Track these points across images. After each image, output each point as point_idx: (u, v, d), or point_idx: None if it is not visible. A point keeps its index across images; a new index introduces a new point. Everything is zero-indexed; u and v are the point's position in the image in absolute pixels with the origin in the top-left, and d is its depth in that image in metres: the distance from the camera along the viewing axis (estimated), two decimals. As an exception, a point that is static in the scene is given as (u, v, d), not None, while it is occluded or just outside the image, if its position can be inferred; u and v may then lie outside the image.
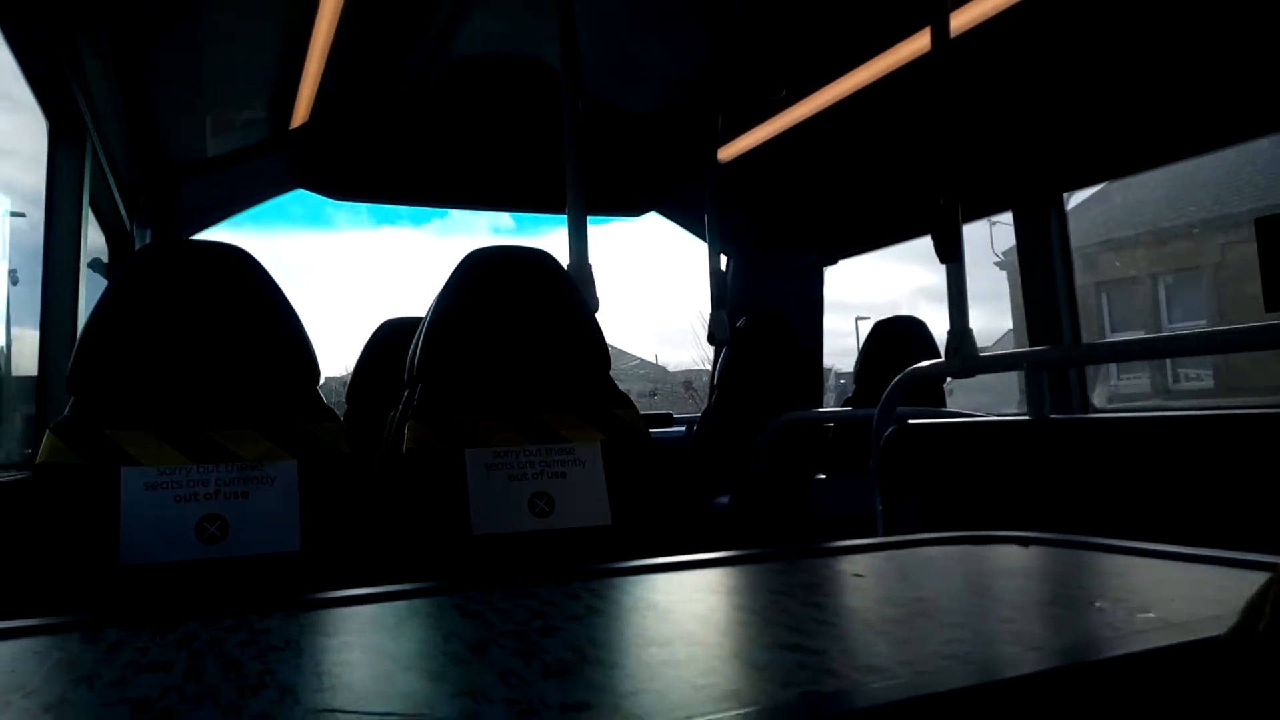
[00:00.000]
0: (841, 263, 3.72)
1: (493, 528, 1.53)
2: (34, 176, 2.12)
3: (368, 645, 0.61)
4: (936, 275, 2.02)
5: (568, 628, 0.63)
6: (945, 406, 3.23)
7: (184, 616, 0.71)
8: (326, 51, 2.55)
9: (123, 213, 2.78)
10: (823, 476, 3.09)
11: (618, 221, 3.83)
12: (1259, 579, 0.70)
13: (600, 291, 1.91)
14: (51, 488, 1.31)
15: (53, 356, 2.04)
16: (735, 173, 3.49)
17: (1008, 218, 2.49)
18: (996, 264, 11.91)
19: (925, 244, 2.00)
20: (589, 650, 0.56)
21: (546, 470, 1.60)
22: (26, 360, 2.08)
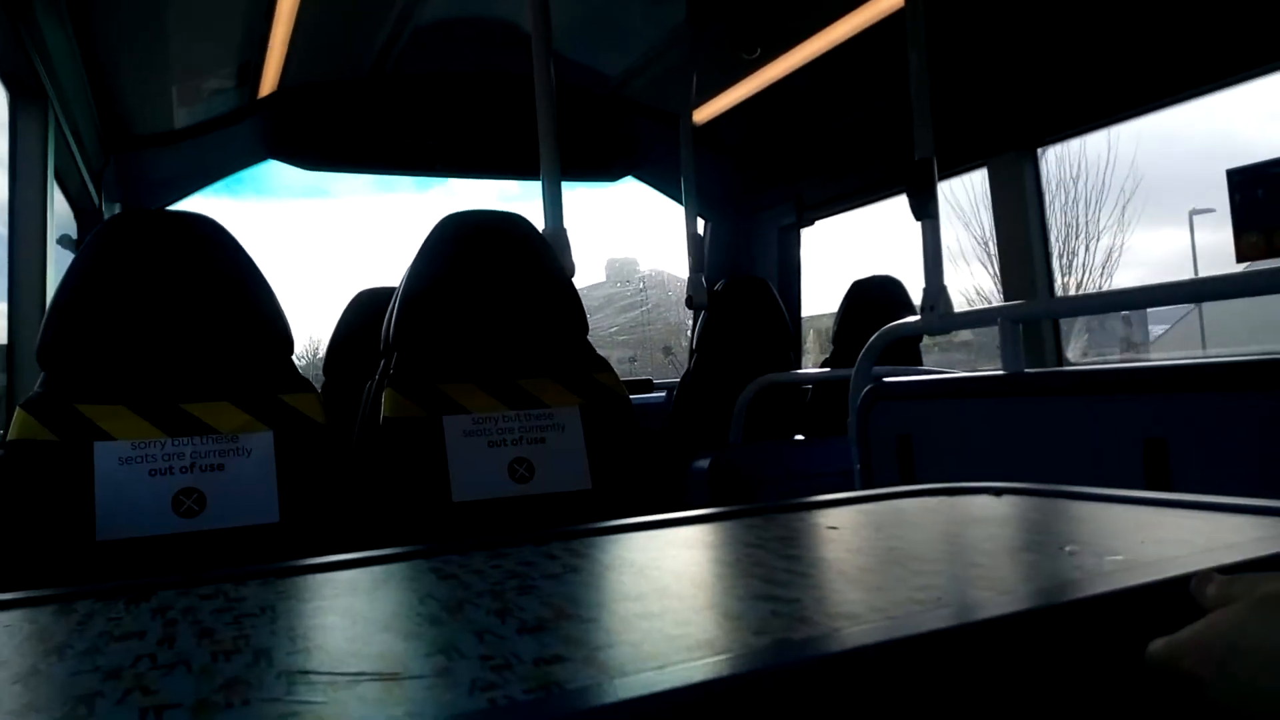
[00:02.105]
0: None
1: (473, 494, 1.53)
2: None
3: (343, 609, 0.61)
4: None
5: (544, 586, 0.63)
6: (922, 365, 3.25)
7: (158, 587, 0.70)
8: (294, 17, 2.50)
9: (90, 187, 2.73)
10: (801, 437, 3.11)
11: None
12: (1224, 520, 0.72)
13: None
14: (24, 465, 1.30)
15: (22, 332, 2.01)
16: (711, 134, 3.46)
17: None
18: None
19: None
20: (565, 607, 0.56)
21: (526, 436, 1.60)
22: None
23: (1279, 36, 1.86)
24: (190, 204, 3.23)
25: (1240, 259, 1.98)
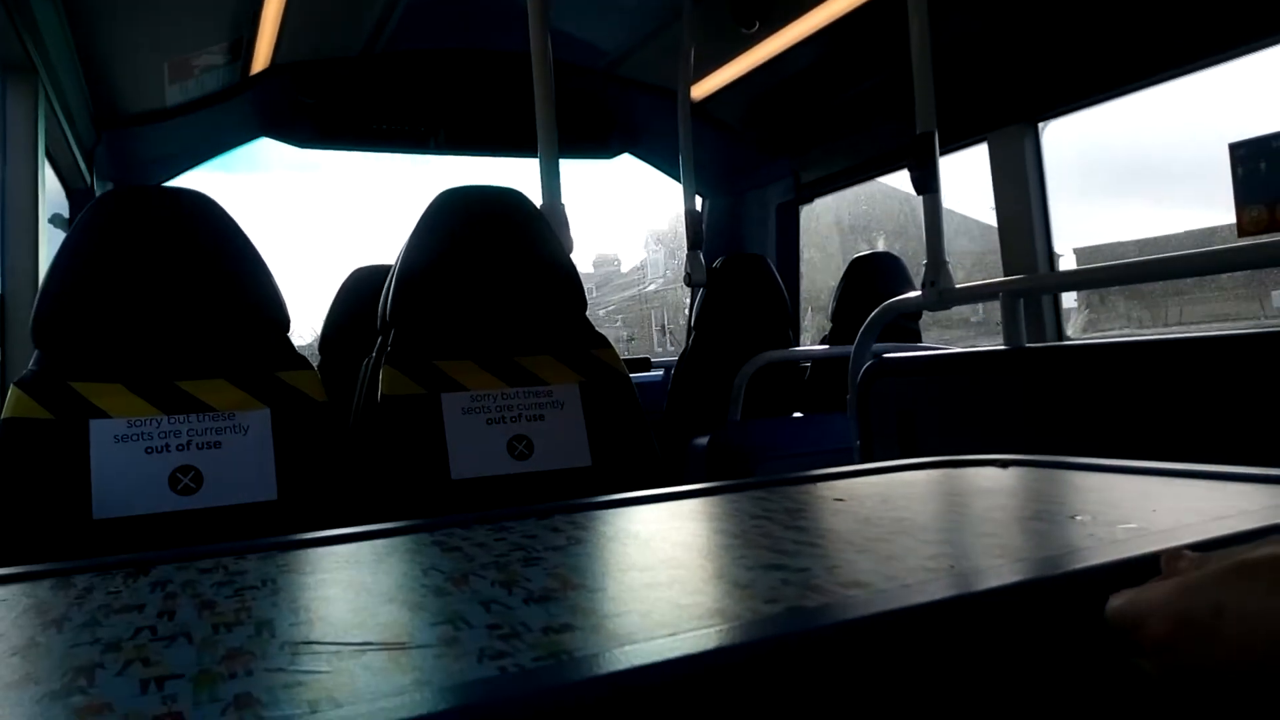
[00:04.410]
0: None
1: (472, 471, 1.52)
2: None
3: (346, 581, 0.60)
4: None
5: (549, 558, 0.62)
6: (921, 342, 3.24)
7: (157, 561, 0.70)
8: (286, -8, 2.47)
9: (81, 166, 2.70)
10: (800, 415, 3.10)
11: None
12: (1235, 489, 0.71)
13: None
14: (19, 443, 1.29)
15: (14, 312, 2.00)
16: (708, 110, 3.43)
17: None
18: None
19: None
20: (571, 577, 0.55)
21: (525, 413, 1.59)
22: None
23: None
24: (183, 180, 3.21)
25: (1242, 233, 1.97)
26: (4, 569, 0.68)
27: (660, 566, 0.57)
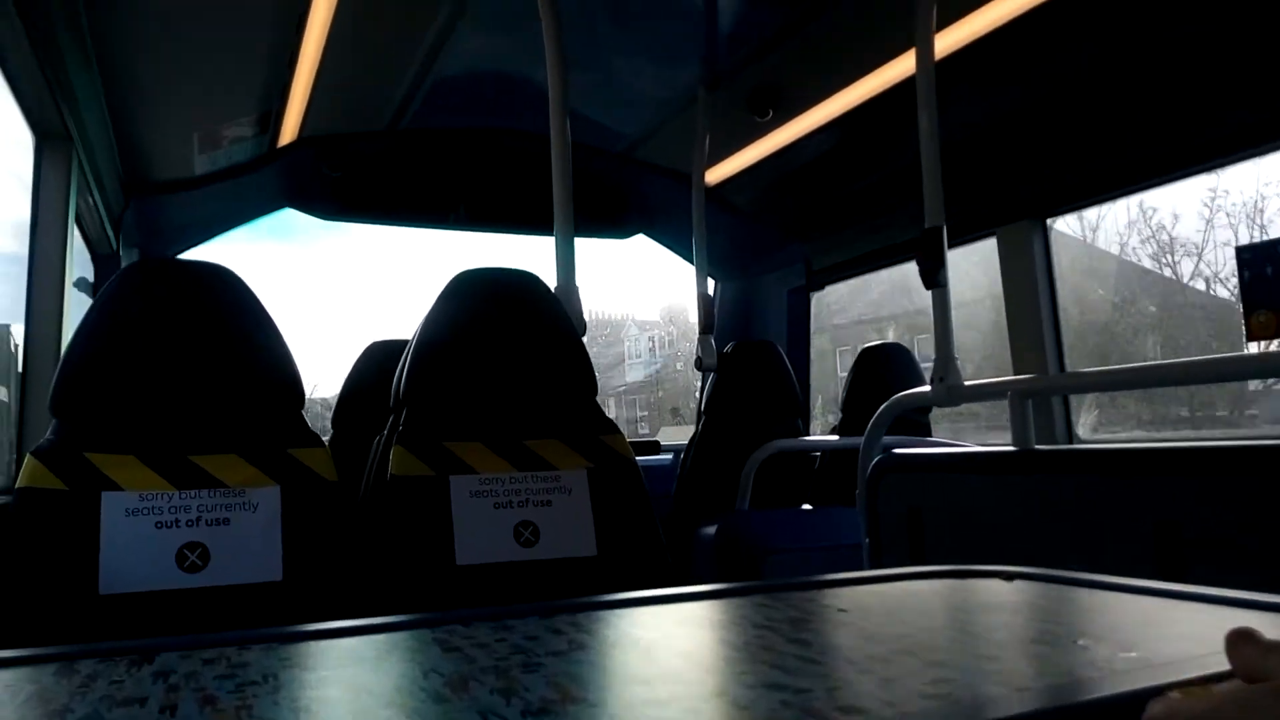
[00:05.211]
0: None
1: (477, 558, 1.51)
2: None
3: (346, 681, 0.60)
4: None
5: (549, 664, 0.62)
6: (930, 435, 3.23)
7: (161, 648, 0.70)
8: (315, 67, 2.55)
9: (109, 232, 2.76)
10: (809, 507, 3.08)
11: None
12: (1242, 617, 0.71)
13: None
14: (32, 513, 1.30)
15: (36, 378, 2.02)
16: (722, 195, 3.50)
17: None
18: None
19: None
20: (570, 688, 0.56)
21: (532, 498, 1.59)
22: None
23: None
24: (208, 248, 3.27)
25: (1250, 338, 1.97)
26: (8, 651, 0.68)
27: (660, 680, 0.57)
